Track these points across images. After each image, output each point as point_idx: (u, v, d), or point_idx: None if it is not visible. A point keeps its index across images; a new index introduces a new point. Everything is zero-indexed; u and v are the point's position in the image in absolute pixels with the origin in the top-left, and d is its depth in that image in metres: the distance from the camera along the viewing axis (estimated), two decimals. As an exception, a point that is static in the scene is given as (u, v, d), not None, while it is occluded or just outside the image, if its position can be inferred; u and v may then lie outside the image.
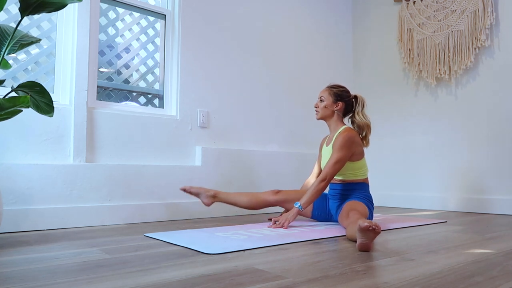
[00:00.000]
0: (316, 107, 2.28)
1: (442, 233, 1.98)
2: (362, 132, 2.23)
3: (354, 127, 2.26)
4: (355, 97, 2.26)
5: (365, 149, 2.27)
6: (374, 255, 1.44)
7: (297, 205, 2.09)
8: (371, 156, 3.71)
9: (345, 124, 2.27)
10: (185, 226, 2.19)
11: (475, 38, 3.10)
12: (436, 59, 3.31)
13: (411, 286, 1.04)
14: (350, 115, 2.29)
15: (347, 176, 2.18)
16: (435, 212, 3.05)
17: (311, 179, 2.41)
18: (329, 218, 2.33)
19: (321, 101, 2.26)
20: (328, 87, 2.29)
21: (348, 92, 2.28)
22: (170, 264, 1.29)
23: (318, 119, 2.29)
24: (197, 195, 2.31)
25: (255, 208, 2.33)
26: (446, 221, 2.44)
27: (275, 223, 2.11)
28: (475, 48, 3.10)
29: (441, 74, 3.28)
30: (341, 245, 1.63)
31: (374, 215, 2.75)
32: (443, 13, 3.30)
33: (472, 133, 3.11)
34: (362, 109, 2.23)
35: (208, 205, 2.31)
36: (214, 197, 2.31)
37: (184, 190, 2.30)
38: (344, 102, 2.24)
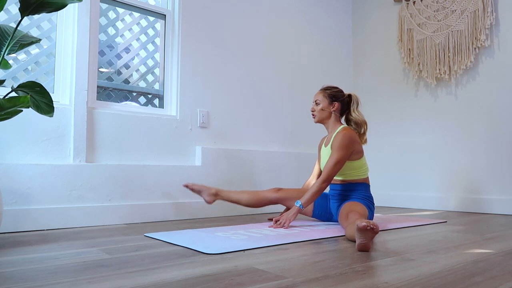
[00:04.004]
0: (312, 111, 2.29)
1: (442, 233, 1.98)
2: (360, 130, 2.25)
3: (351, 125, 2.27)
4: (349, 95, 2.28)
5: (365, 149, 2.27)
6: (374, 255, 1.44)
7: (298, 204, 2.09)
8: (371, 156, 3.71)
9: (342, 124, 2.28)
10: (185, 226, 2.19)
11: (475, 38, 3.10)
12: (436, 59, 3.31)
13: (411, 286, 1.04)
14: (345, 114, 2.31)
15: (347, 176, 2.18)
16: (435, 212, 3.05)
17: (312, 179, 2.41)
18: (330, 217, 2.33)
19: (317, 104, 2.27)
20: (321, 89, 2.30)
21: (342, 91, 2.29)
22: (170, 264, 1.29)
23: (316, 122, 2.30)
24: (199, 192, 2.34)
25: (257, 205, 2.34)
26: (446, 221, 2.44)
27: (276, 222, 2.11)
28: (475, 48, 3.10)
29: (441, 74, 3.28)
30: (341, 245, 1.63)
31: (374, 215, 2.75)
32: (443, 13, 3.30)
33: (472, 133, 3.11)
34: (357, 107, 2.27)
35: (210, 202, 2.32)
36: (216, 195, 2.33)
37: (187, 186, 2.34)
38: (339, 102, 2.26)
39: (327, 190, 2.25)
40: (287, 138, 3.34)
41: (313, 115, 2.29)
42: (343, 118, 2.34)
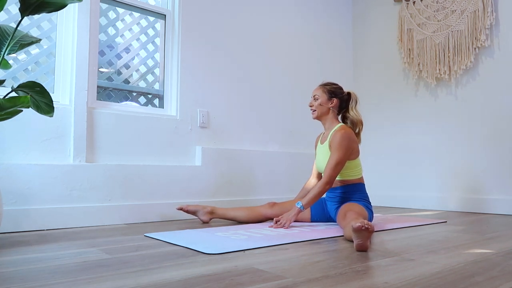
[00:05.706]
0: (311, 106, 2.27)
1: (442, 233, 1.98)
2: (355, 129, 2.23)
3: (347, 123, 2.26)
4: (348, 93, 2.27)
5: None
6: (374, 255, 1.44)
7: (298, 205, 2.09)
8: (371, 156, 3.71)
9: (340, 122, 2.27)
10: (185, 226, 2.19)
11: (475, 38, 3.10)
12: (436, 59, 3.31)
13: (411, 286, 1.04)
14: (343, 112, 2.29)
15: (344, 175, 2.17)
16: (435, 212, 3.05)
17: (312, 179, 2.40)
18: (329, 221, 2.32)
19: (315, 99, 2.25)
20: (321, 85, 2.28)
21: (341, 88, 2.28)
22: (170, 264, 1.29)
23: (314, 118, 2.27)
24: (194, 213, 2.33)
25: (254, 222, 2.33)
26: (446, 221, 2.44)
27: (276, 222, 2.11)
28: (475, 48, 3.10)
29: (441, 74, 3.28)
30: (341, 245, 1.63)
31: (374, 215, 2.75)
32: (443, 13, 3.30)
33: (472, 133, 3.11)
34: (355, 105, 2.24)
35: (206, 222, 2.32)
36: (212, 213, 2.33)
37: (181, 209, 2.32)
38: (338, 98, 2.24)
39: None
40: (287, 138, 3.34)
41: (312, 109, 2.26)
42: (339, 116, 2.32)
